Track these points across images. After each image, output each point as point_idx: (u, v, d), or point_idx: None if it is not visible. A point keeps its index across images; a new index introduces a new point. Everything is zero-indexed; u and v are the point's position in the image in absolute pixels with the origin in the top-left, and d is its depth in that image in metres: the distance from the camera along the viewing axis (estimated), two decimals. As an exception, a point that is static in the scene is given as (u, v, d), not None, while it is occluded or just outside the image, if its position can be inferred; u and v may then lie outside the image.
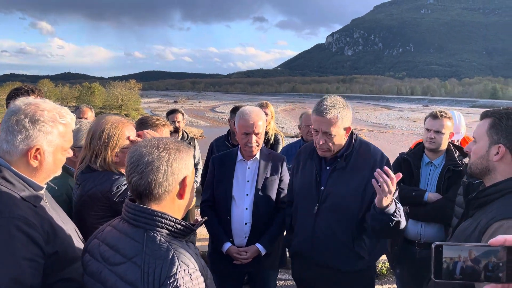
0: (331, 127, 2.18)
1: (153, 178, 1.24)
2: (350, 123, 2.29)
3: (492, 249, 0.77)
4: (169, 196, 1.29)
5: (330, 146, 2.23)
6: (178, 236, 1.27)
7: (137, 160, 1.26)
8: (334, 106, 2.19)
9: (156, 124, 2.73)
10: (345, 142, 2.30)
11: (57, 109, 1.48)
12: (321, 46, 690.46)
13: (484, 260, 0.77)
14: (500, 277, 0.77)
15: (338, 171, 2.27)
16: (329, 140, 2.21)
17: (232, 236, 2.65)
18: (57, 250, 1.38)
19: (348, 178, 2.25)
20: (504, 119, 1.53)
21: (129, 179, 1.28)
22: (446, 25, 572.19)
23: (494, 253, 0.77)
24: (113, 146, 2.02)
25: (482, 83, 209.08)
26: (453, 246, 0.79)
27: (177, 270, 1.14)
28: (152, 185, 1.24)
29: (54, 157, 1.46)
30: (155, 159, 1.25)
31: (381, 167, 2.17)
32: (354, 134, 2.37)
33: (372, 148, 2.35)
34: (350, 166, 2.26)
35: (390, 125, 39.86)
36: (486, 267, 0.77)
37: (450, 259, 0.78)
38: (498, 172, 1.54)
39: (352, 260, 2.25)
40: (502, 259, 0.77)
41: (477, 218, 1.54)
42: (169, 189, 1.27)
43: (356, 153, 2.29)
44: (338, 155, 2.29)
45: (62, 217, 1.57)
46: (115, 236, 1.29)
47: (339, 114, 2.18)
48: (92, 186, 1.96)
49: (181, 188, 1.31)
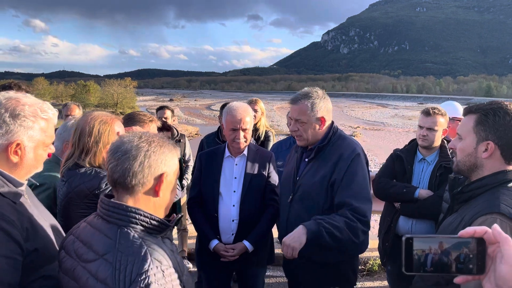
0: (301, 115, 2.28)
1: (128, 166, 1.21)
2: (327, 115, 2.32)
3: (463, 240, 0.77)
4: (142, 189, 1.25)
5: (303, 133, 2.31)
6: (153, 232, 1.24)
7: (117, 147, 1.24)
8: (307, 95, 2.29)
9: (144, 119, 2.70)
10: (322, 135, 2.33)
11: (39, 104, 1.44)
12: (317, 44, 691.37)
13: (455, 252, 0.77)
14: (471, 268, 0.77)
15: (311, 163, 2.36)
16: (301, 127, 2.30)
17: (219, 233, 2.62)
18: (37, 247, 1.35)
19: (316, 169, 2.31)
20: (490, 115, 1.50)
21: (107, 166, 1.26)
22: (441, 23, 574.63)
23: (466, 244, 0.77)
24: (105, 143, 1.99)
25: (476, 81, 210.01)
26: (424, 239, 0.78)
27: (149, 267, 1.12)
28: (126, 173, 1.21)
29: (35, 153, 1.42)
30: (133, 147, 1.23)
31: (347, 161, 2.24)
32: (334, 128, 2.38)
33: (346, 142, 2.33)
34: (321, 158, 2.32)
35: (386, 123, 39.97)
36: (458, 259, 0.77)
37: (421, 252, 0.77)
38: (486, 168, 1.52)
39: (321, 251, 2.19)
40: (473, 251, 0.77)
41: (462, 213, 1.52)
42: (143, 181, 1.23)
43: (331, 146, 2.33)
44: (313, 147, 2.34)
45: (44, 214, 1.53)
46: (89, 232, 1.26)
47: (310, 103, 2.26)
48: (80, 182, 1.92)
49: (156, 184, 1.27)
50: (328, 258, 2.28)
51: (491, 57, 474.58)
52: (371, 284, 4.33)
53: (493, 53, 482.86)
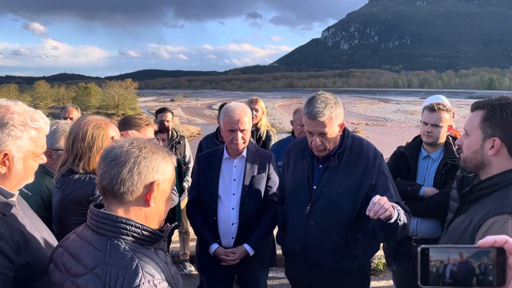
0: (326, 129, 2.12)
1: (116, 172, 1.15)
2: (343, 119, 2.23)
3: (483, 250, 0.72)
4: (131, 198, 1.18)
5: (327, 146, 2.18)
6: (145, 243, 1.18)
7: (107, 153, 1.19)
8: (326, 106, 2.11)
9: (140, 123, 2.65)
10: (338, 139, 2.24)
11: (29, 113, 1.37)
12: (317, 41, 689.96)
13: (476, 262, 0.71)
14: (491, 280, 0.71)
15: (331, 170, 2.21)
16: (325, 140, 2.16)
17: (219, 237, 2.57)
18: (29, 261, 1.30)
19: (341, 177, 2.18)
20: (498, 111, 1.44)
21: (97, 172, 1.21)
22: (442, 17, 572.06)
23: (486, 254, 0.72)
24: (98, 148, 1.94)
25: (478, 74, 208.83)
26: (441, 249, 0.73)
27: (140, 281, 1.06)
28: (114, 180, 1.15)
29: (25, 164, 1.36)
30: (123, 153, 1.17)
31: (374, 165, 2.18)
32: (346, 130, 2.31)
33: (365, 144, 2.29)
34: (343, 165, 2.20)
35: (388, 118, 39.89)
36: (478, 269, 0.72)
37: (439, 263, 0.72)
38: (494, 166, 1.46)
39: (346, 260, 2.21)
40: (493, 261, 0.72)
41: (471, 214, 1.46)
42: (132, 189, 1.17)
43: (348, 150, 2.23)
44: (331, 153, 2.23)
45: (36, 224, 1.48)
46: (78, 244, 1.20)
47: (333, 114, 2.12)
48: (73, 189, 1.88)
49: (147, 192, 1.19)
50: (354, 264, 2.23)
51: (492, 50, 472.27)
52: (376, 283, 4.27)
53: (494, 45, 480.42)
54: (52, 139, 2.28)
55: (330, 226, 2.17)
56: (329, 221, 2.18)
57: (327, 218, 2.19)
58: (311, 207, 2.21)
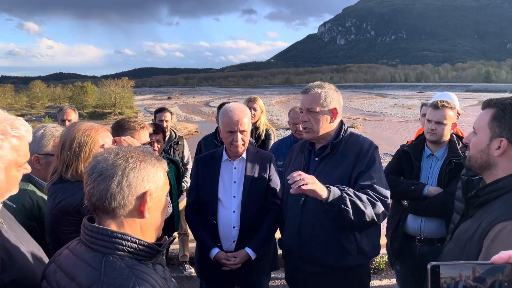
0: (314, 103, 2.19)
1: (105, 187, 1.09)
2: (339, 108, 2.26)
3: (498, 266, 0.68)
4: (124, 212, 1.12)
5: (313, 125, 2.21)
6: (142, 259, 1.12)
7: (92, 168, 1.12)
8: (320, 85, 2.25)
9: (134, 127, 2.58)
10: (334, 131, 2.28)
11: (9, 120, 1.28)
12: (314, 36, 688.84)
13: (490, 279, 0.68)
14: None
15: (325, 160, 2.25)
16: (312, 118, 2.20)
17: (219, 241, 2.50)
18: (14, 278, 1.22)
19: (334, 166, 2.22)
20: (508, 110, 1.38)
21: (85, 189, 1.14)
22: (438, 11, 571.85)
23: (501, 270, 0.68)
24: (85, 156, 1.86)
25: (475, 67, 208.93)
26: (452, 265, 0.70)
27: None
28: (104, 196, 1.09)
29: (7, 174, 1.27)
30: (109, 166, 1.10)
31: (367, 154, 2.20)
32: (345, 126, 2.33)
33: (361, 138, 2.32)
34: (337, 155, 2.24)
35: (385, 113, 39.83)
36: (493, 286, 0.68)
37: (451, 279, 0.69)
38: (500, 168, 1.40)
39: (339, 255, 2.17)
40: (509, 277, 0.68)
41: (478, 219, 1.40)
42: (124, 203, 1.11)
43: (344, 143, 2.26)
44: (326, 144, 2.25)
45: (23, 237, 1.39)
46: (71, 261, 1.13)
47: (323, 92, 2.20)
48: (62, 198, 1.82)
49: (140, 204, 1.13)
50: (348, 262, 2.20)
51: (489, 43, 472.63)
52: (378, 282, 4.23)
53: (491, 38, 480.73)
54: (40, 144, 2.20)
55: (323, 216, 2.14)
56: (323, 211, 2.15)
57: (320, 209, 2.16)
58: (306, 198, 2.22)
